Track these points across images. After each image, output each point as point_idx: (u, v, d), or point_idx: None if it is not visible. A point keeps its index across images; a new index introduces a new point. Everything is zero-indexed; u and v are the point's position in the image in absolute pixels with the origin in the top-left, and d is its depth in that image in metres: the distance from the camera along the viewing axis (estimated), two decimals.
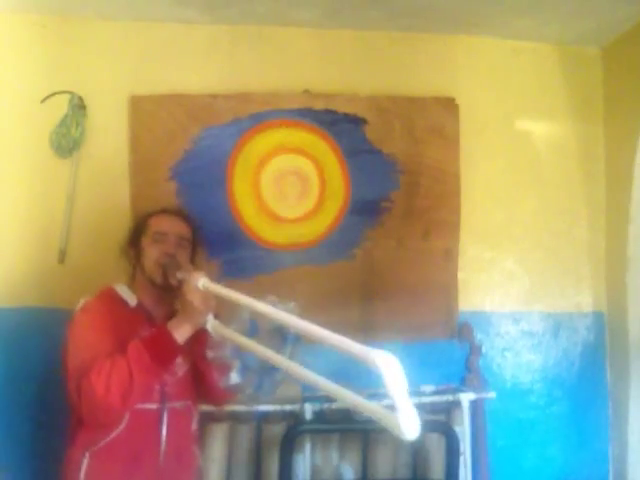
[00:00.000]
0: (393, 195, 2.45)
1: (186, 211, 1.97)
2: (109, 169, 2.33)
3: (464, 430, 2.27)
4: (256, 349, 1.35)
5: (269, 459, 2.19)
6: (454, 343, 2.45)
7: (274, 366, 1.37)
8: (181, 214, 1.86)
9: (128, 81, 2.35)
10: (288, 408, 2.18)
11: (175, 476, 1.68)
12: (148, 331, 1.62)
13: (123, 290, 1.73)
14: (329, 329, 1.09)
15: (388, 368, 0.93)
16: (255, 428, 2.24)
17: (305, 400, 2.18)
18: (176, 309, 1.68)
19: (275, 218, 2.40)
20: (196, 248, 1.84)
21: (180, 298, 1.53)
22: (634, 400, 2.37)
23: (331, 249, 2.41)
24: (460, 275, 2.47)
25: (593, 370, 2.54)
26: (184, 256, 1.74)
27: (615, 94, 2.55)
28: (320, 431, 2.22)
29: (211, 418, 2.17)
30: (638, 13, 2.31)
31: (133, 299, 1.71)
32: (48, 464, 1.72)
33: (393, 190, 2.45)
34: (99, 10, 2.32)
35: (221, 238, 2.34)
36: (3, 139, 2.28)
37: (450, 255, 2.47)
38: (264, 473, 2.20)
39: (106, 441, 1.56)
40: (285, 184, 2.41)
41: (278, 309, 1.33)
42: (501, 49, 2.58)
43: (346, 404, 1.17)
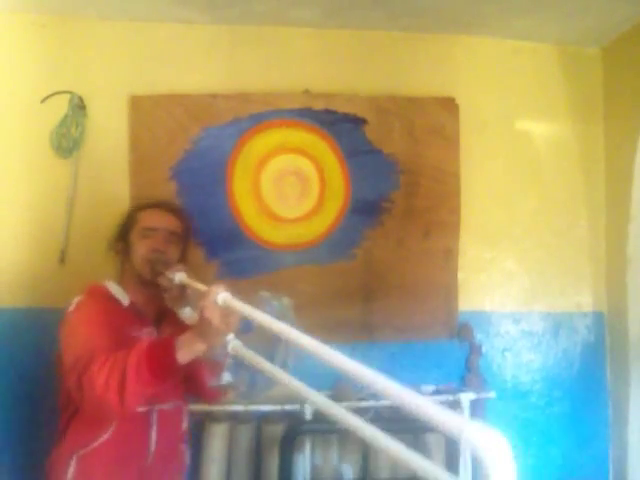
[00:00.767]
0: (393, 195, 2.45)
1: (178, 205, 1.92)
2: (109, 169, 2.33)
3: None
4: (281, 377, 1.23)
5: (269, 459, 2.19)
6: (454, 343, 2.45)
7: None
8: (172, 208, 1.80)
9: (128, 81, 2.35)
10: (288, 408, 2.18)
11: (162, 476, 1.66)
12: (141, 333, 1.58)
13: (114, 288, 1.69)
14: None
15: (493, 457, 0.64)
16: (255, 428, 2.24)
17: (305, 400, 2.18)
18: (167, 308, 1.65)
19: (275, 218, 2.40)
20: (187, 244, 1.78)
21: (197, 313, 1.39)
22: (634, 400, 2.37)
23: (331, 249, 2.41)
24: (460, 275, 2.48)
25: (593, 370, 2.54)
26: (174, 252, 1.69)
27: (615, 94, 2.55)
28: (320, 431, 2.22)
29: (211, 418, 2.18)
30: (638, 13, 2.31)
31: (125, 297, 1.67)
32: (41, 463, 1.70)
33: (393, 190, 2.45)
34: (99, 10, 2.32)
35: (221, 238, 2.34)
36: (3, 139, 2.28)
37: (450, 255, 2.47)
38: (264, 473, 2.20)
39: (95, 444, 1.54)
40: (285, 184, 2.41)
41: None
42: (501, 49, 2.58)
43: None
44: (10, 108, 2.29)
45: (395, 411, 2.25)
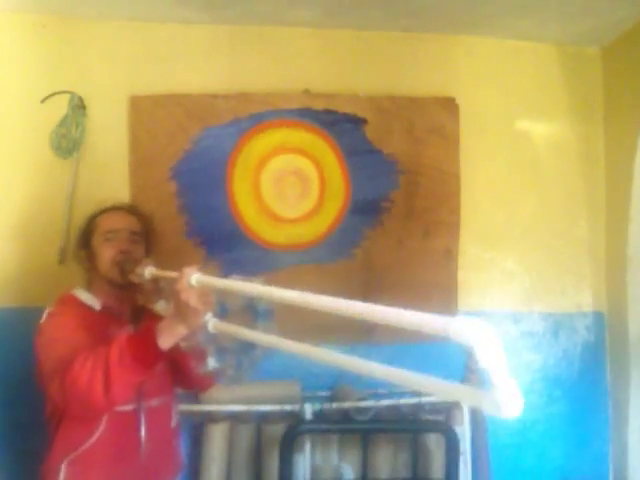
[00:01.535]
0: (393, 195, 2.45)
1: (134, 205, 1.93)
2: (109, 169, 2.33)
3: (464, 430, 2.27)
4: (263, 339, 1.26)
5: (269, 459, 2.19)
6: (454, 343, 2.44)
7: (250, 344, 1.32)
8: (129, 209, 1.80)
9: (128, 81, 2.35)
10: (288, 408, 2.18)
11: (157, 475, 1.66)
12: (120, 332, 1.54)
13: (83, 295, 1.68)
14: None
15: (476, 339, 0.76)
16: (255, 428, 2.24)
17: (305, 400, 2.18)
18: (141, 305, 1.66)
19: (275, 218, 2.40)
20: (150, 242, 1.78)
21: (172, 298, 1.39)
22: (634, 400, 2.37)
23: (331, 249, 2.41)
24: (460, 275, 2.48)
25: (593, 370, 2.54)
26: (139, 251, 1.69)
27: (615, 94, 2.55)
28: (320, 431, 2.22)
29: (211, 418, 2.18)
30: (638, 13, 2.31)
31: (96, 303, 1.66)
32: (32, 465, 1.70)
33: (393, 190, 2.45)
34: (99, 10, 2.32)
35: (221, 238, 2.35)
36: (3, 139, 2.28)
37: (450, 255, 2.47)
38: (264, 473, 2.20)
39: (84, 447, 1.53)
40: (285, 184, 2.41)
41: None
42: (501, 49, 2.58)
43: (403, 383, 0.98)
44: (10, 108, 2.29)
45: (395, 411, 2.25)
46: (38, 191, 2.28)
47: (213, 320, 1.37)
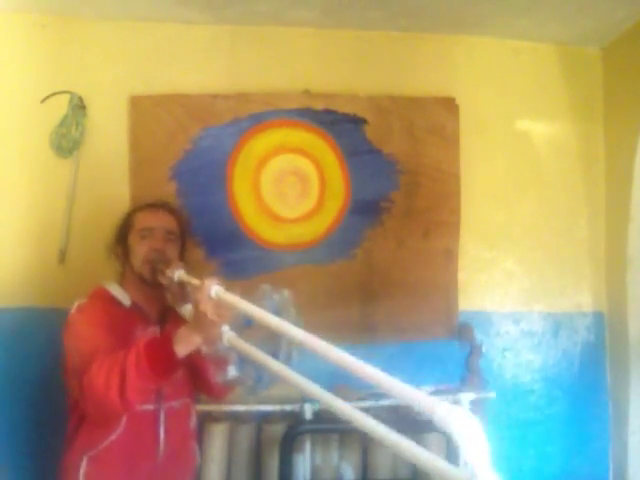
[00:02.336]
0: (393, 195, 2.45)
1: (174, 204, 1.94)
2: (109, 169, 2.33)
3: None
4: (274, 366, 1.24)
5: (269, 459, 2.19)
6: (454, 343, 2.45)
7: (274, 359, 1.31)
8: (167, 208, 1.81)
9: (128, 81, 2.35)
10: (288, 408, 2.18)
11: (174, 475, 1.68)
12: (145, 332, 1.60)
13: (115, 289, 1.71)
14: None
15: (462, 429, 0.75)
16: (255, 428, 2.24)
17: (305, 400, 2.18)
18: (169, 306, 1.66)
19: (275, 218, 2.40)
20: (185, 242, 1.80)
21: (192, 307, 1.43)
22: (634, 400, 2.37)
23: (331, 249, 2.41)
24: (460, 275, 2.47)
25: (593, 370, 2.54)
26: (173, 251, 1.71)
27: (615, 94, 2.55)
28: (320, 431, 2.22)
29: (211, 418, 2.18)
30: (638, 13, 2.31)
31: (126, 298, 1.69)
32: (47, 463, 1.71)
33: (393, 190, 2.45)
34: (99, 10, 2.32)
35: (221, 238, 2.34)
36: (3, 139, 2.28)
37: (450, 255, 2.47)
38: (264, 473, 2.20)
39: (104, 445, 1.55)
40: (285, 184, 2.41)
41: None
42: (501, 49, 2.58)
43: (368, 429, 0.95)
44: (10, 108, 2.29)
45: (395, 411, 2.25)
46: (38, 191, 2.28)
47: (230, 333, 1.37)
